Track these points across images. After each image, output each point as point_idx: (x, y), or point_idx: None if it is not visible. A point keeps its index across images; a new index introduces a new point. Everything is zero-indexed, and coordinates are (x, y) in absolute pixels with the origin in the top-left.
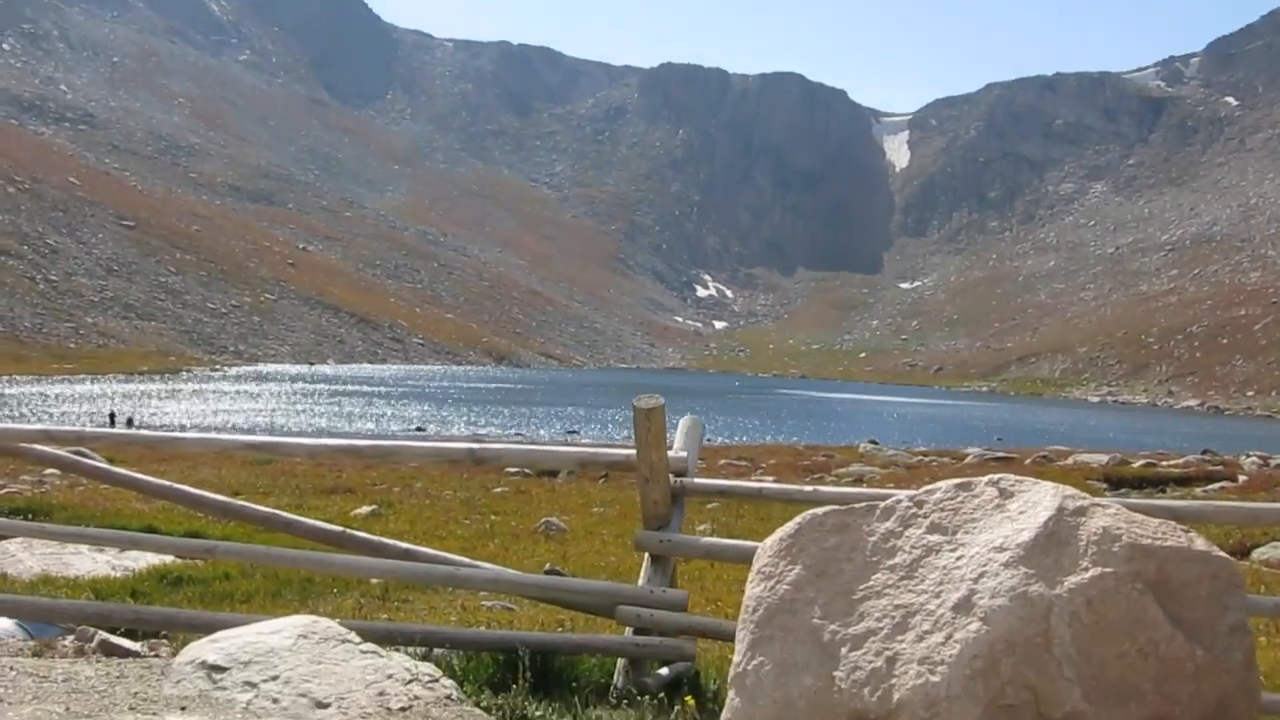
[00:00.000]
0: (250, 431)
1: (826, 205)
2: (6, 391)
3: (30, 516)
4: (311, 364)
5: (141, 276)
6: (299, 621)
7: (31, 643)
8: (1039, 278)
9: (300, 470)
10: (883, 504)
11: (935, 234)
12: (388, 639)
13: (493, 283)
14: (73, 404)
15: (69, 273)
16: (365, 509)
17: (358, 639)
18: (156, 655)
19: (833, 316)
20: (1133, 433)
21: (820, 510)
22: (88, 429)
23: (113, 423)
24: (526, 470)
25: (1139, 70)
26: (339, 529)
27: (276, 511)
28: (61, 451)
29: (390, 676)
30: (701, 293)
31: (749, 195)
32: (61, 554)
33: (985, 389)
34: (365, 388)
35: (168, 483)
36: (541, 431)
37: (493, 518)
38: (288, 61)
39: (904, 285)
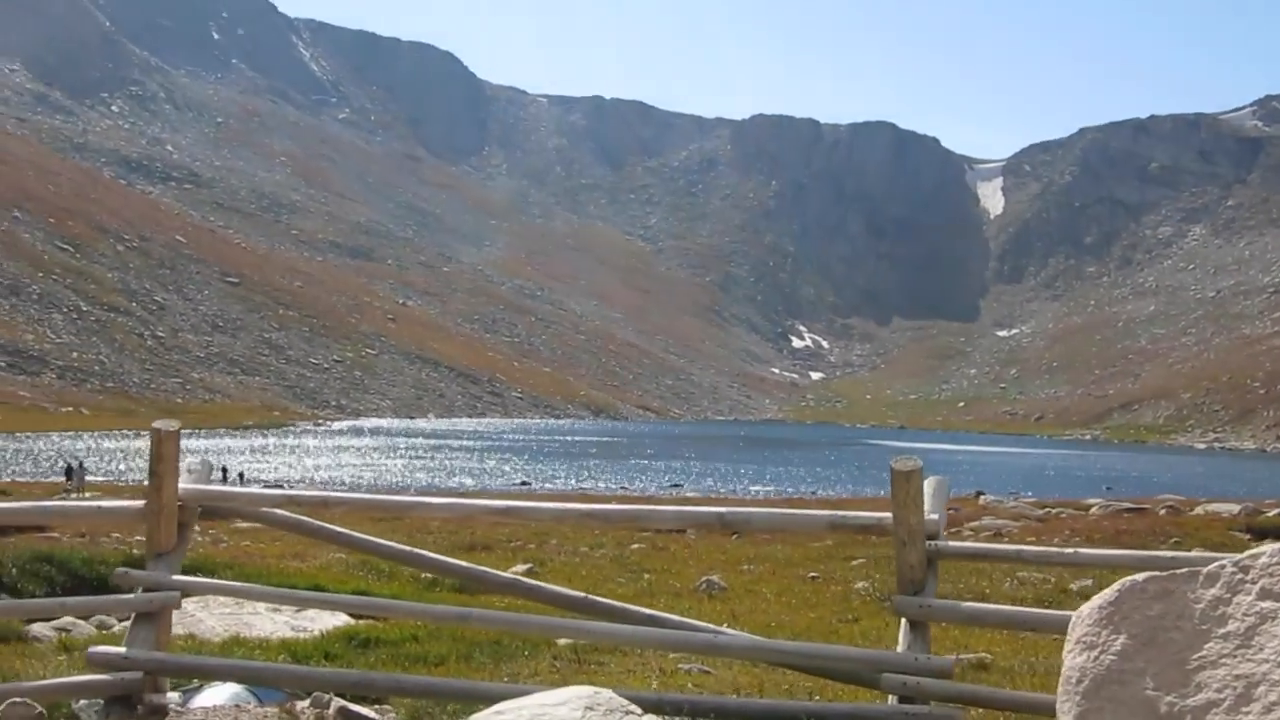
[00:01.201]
0: (380, 490)
1: (921, 253)
2: (117, 446)
3: (198, 574)
4: (412, 418)
5: (245, 332)
6: (580, 693)
7: (269, 708)
8: (1139, 323)
9: (434, 527)
10: (1205, 570)
11: (1032, 280)
12: (657, 708)
13: (589, 335)
14: (182, 458)
15: (176, 329)
16: (521, 567)
17: (639, 710)
18: None
19: (930, 365)
20: (1245, 481)
21: (1139, 577)
22: (332, 493)
23: (225, 478)
24: (660, 526)
25: (1235, 110)
26: (581, 595)
27: (518, 578)
28: (302, 516)
29: None
30: (797, 343)
31: (842, 245)
32: (240, 614)
33: (1088, 437)
34: (468, 442)
35: (408, 547)
36: (648, 485)
37: (646, 576)
38: (385, 119)
39: (1001, 333)
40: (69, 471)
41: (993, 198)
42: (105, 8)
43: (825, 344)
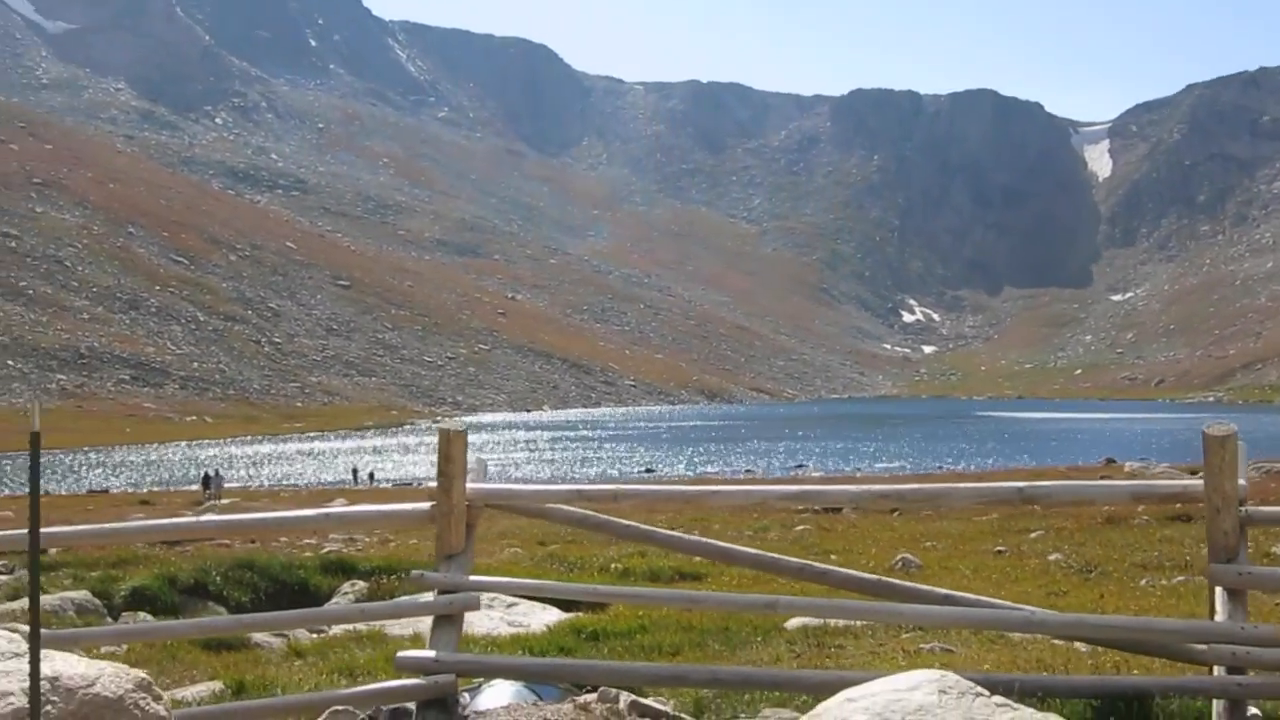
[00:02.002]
0: (509, 480)
1: (1029, 221)
2: (242, 452)
3: (390, 575)
4: (528, 411)
5: (360, 334)
6: (928, 676)
7: (558, 705)
8: (1257, 280)
9: (615, 513)
10: None
11: (1144, 242)
12: (990, 689)
13: (699, 320)
14: (310, 461)
15: (291, 334)
16: None
17: (986, 691)
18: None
19: (1044, 334)
20: None
21: None
22: (622, 486)
23: (355, 479)
24: (815, 507)
25: None
26: (874, 578)
27: (808, 563)
28: (586, 511)
29: None
30: (908, 318)
31: (949, 216)
32: None
33: (1211, 399)
34: (586, 432)
35: (700, 538)
36: (771, 467)
37: (832, 556)
38: (484, 115)
39: (1115, 297)
40: (206, 480)
41: (1100, 160)
42: (204, 23)
43: (936, 317)
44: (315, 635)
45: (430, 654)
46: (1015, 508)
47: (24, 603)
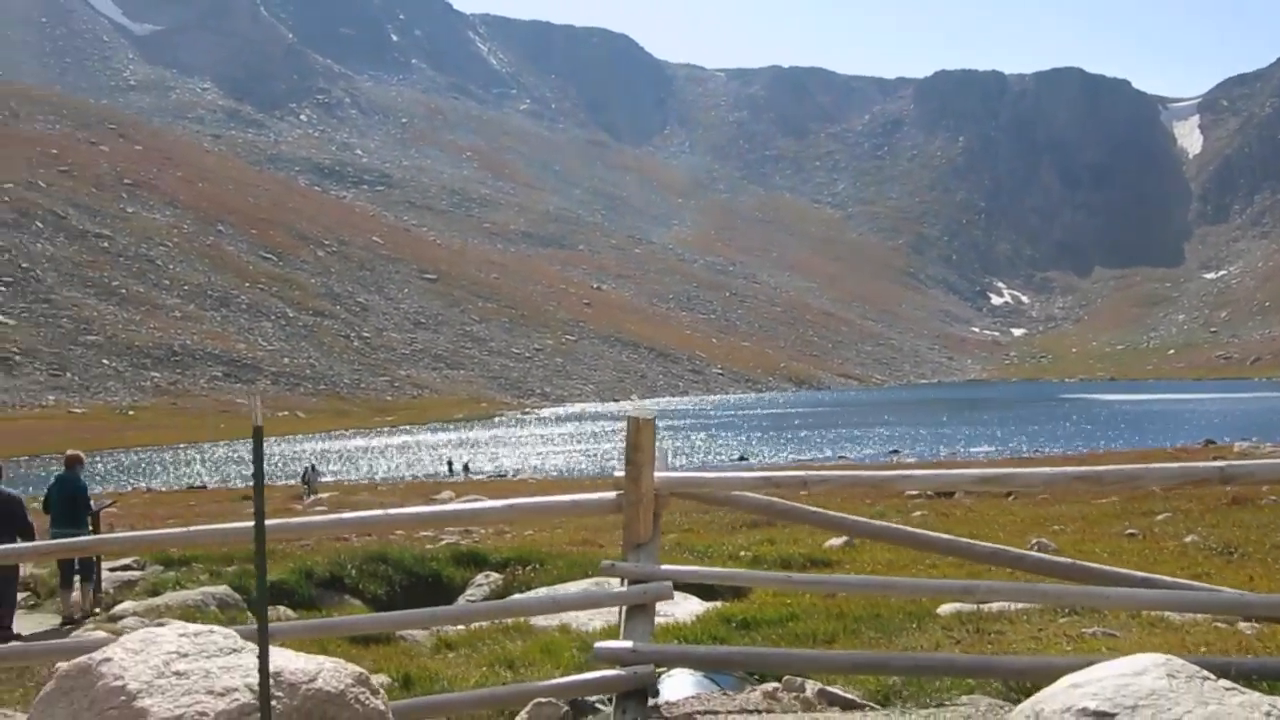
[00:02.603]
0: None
1: (1118, 199)
2: (337, 446)
3: (482, 567)
4: (616, 400)
5: (447, 327)
6: (1154, 660)
7: (746, 694)
8: None
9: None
10: None
11: (1237, 219)
12: (1223, 672)
13: (785, 307)
14: (403, 454)
15: (380, 328)
16: (837, 540)
17: (1214, 675)
18: (922, 707)
19: (1135, 314)
20: None
21: None
22: (811, 473)
23: (450, 471)
24: (929, 491)
25: None
26: (1068, 561)
27: (1002, 548)
28: (773, 498)
29: (1269, 715)
30: (996, 300)
31: (1036, 196)
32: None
33: None
34: (675, 421)
35: (891, 524)
36: (863, 453)
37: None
38: (566, 106)
39: (1209, 275)
40: (305, 475)
41: (1190, 137)
42: (288, 21)
43: (1025, 299)
44: (459, 628)
45: (628, 645)
46: (1134, 490)
47: (168, 598)
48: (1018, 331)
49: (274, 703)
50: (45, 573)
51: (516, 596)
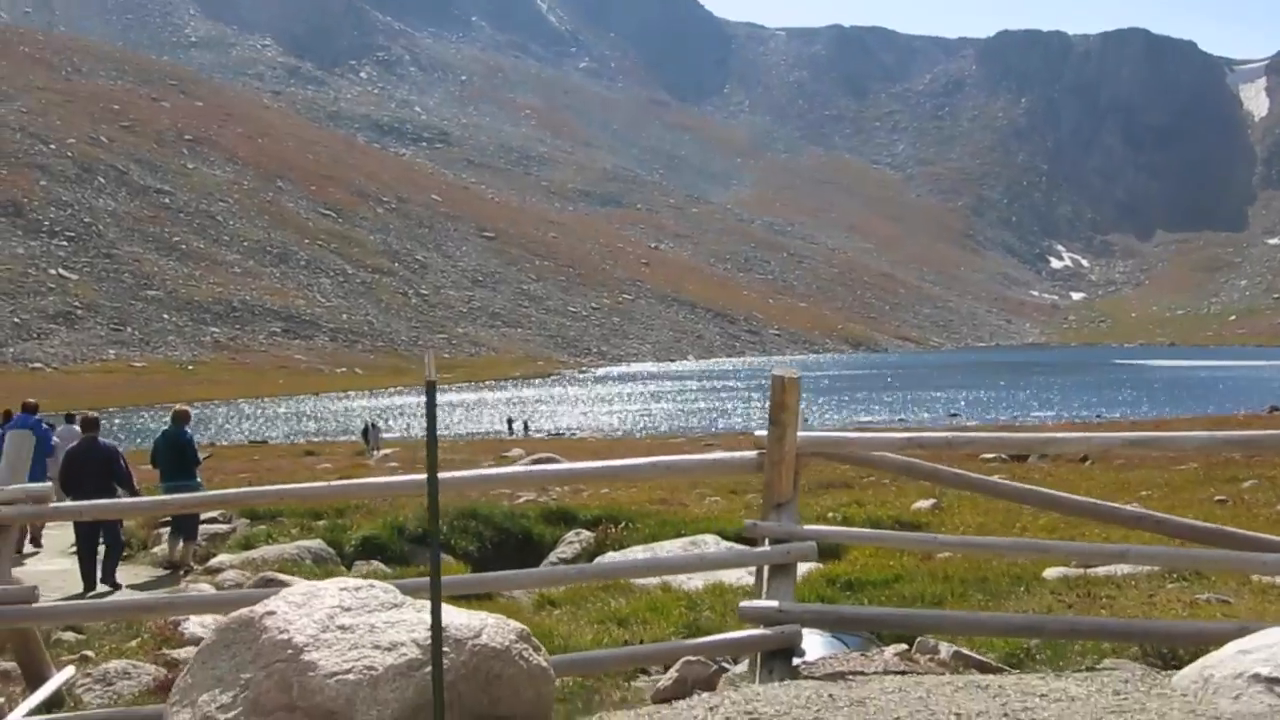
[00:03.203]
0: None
1: (1182, 163)
2: (396, 403)
3: (568, 524)
4: (672, 360)
5: (505, 285)
6: None
7: (883, 655)
8: None
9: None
10: None
11: None
12: None
13: (843, 268)
14: (461, 411)
15: (438, 286)
16: (925, 503)
17: None
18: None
19: (1197, 279)
20: None
21: None
22: (956, 434)
23: (510, 429)
24: (1003, 455)
25: None
26: (1212, 526)
27: (1147, 512)
28: (913, 459)
29: None
30: (1056, 264)
31: (1098, 159)
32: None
33: None
34: (732, 382)
35: (1033, 487)
36: (923, 416)
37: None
38: (626, 65)
39: (1273, 240)
40: (365, 432)
41: (1256, 99)
42: None
43: (1085, 263)
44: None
45: (773, 604)
46: (1214, 456)
47: (263, 551)
48: (1077, 295)
49: (442, 658)
50: (134, 524)
51: (660, 555)
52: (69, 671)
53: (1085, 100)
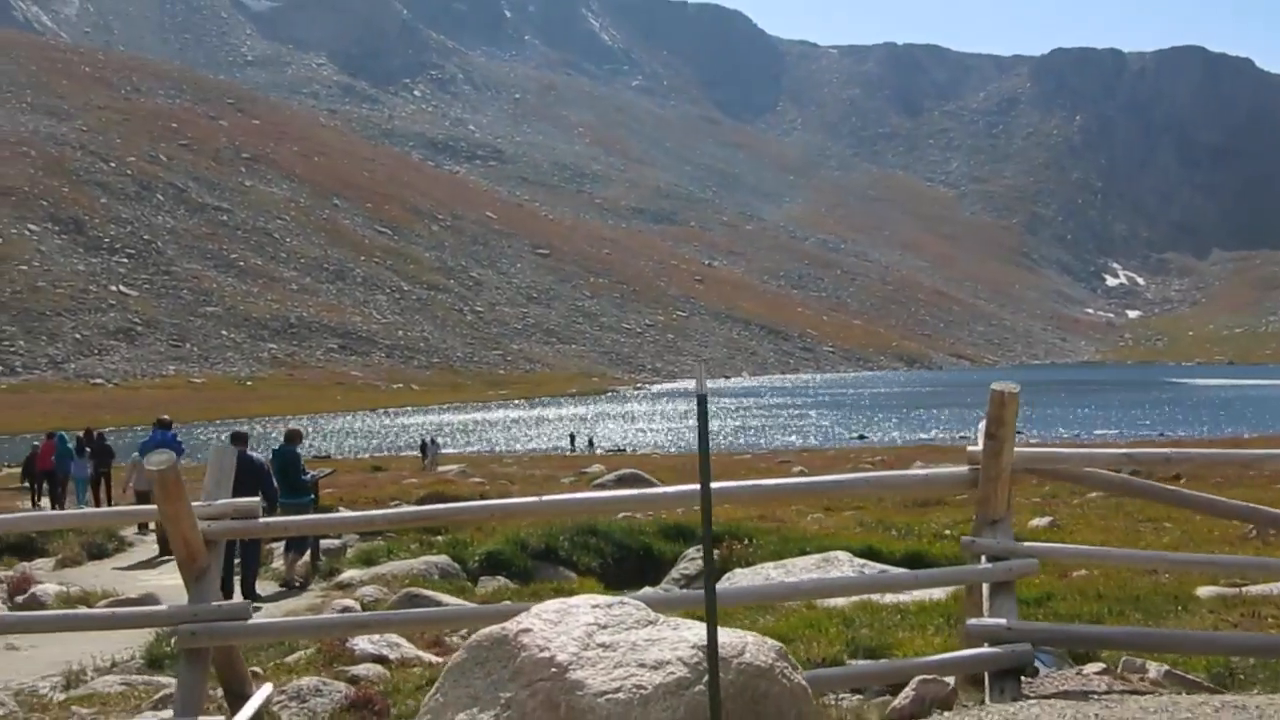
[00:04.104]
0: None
1: (1238, 181)
2: (453, 419)
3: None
4: (727, 378)
5: (559, 302)
6: None
7: (1097, 674)
8: None
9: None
10: None
11: None
12: None
13: (896, 286)
14: (519, 428)
15: (493, 303)
16: (1041, 520)
17: None
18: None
19: (1254, 297)
20: None
21: None
22: (1175, 450)
23: (573, 445)
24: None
25: None
26: None
27: None
28: (1128, 476)
29: None
30: (1111, 282)
31: (1154, 177)
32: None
33: None
34: (787, 399)
35: (1238, 503)
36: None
37: (1167, 524)
38: (678, 83)
39: None
40: (423, 447)
41: None
42: None
43: (1141, 281)
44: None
45: (1001, 622)
46: None
47: (391, 567)
48: (1133, 313)
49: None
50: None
51: (836, 574)
52: (268, 689)
53: (1140, 118)
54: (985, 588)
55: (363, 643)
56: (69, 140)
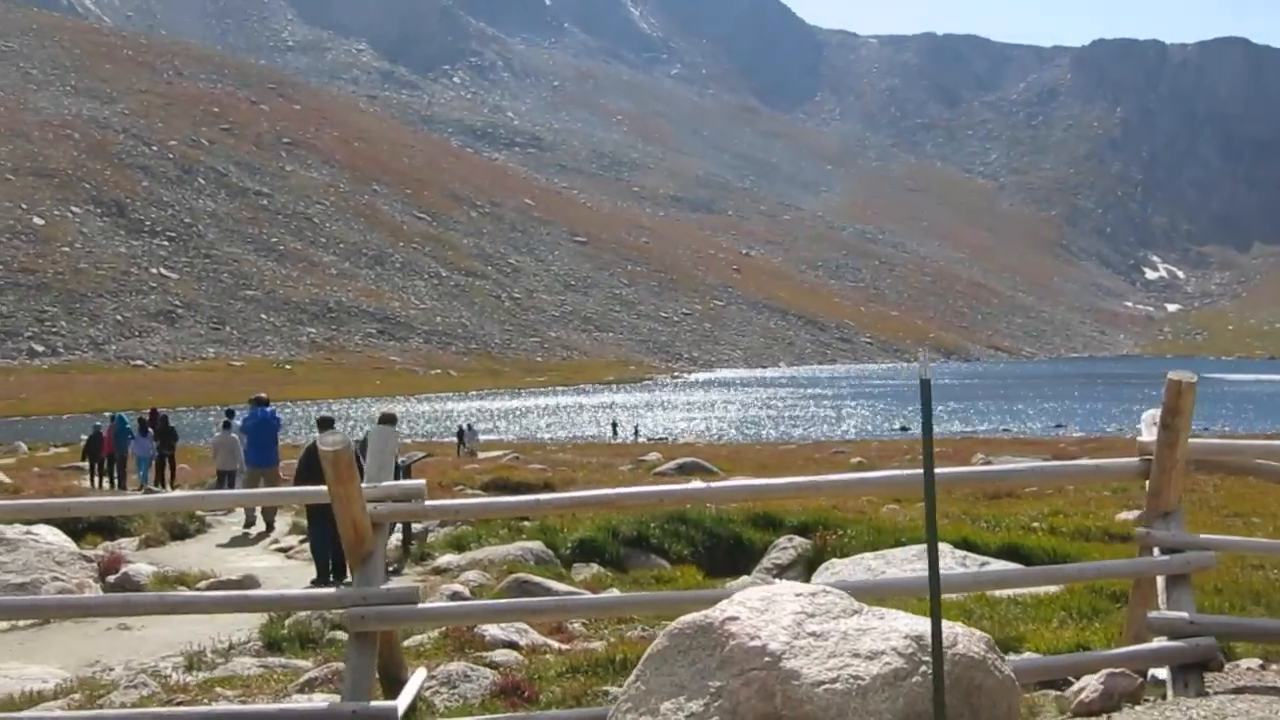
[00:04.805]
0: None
1: None
2: (492, 406)
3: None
4: (764, 367)
5: (597, 289)
6: None
7: (1245, 667)
8: None
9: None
10: None
11: None
12: None
13: (934, 277)
14: (556, 415)
15: (530, 290)
16: (1130, 514)
17: None
18: None
19: None
20: None
21: None
22: None
23: (615, 433)
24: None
25: None
26: None
27: None
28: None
29: None
30: (1150, 275)
31: (1195, 170)
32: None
33: None
34: (824, 390)
35: None
36: (1026, 427)
37: (1254, 520)
38: (717, 72)
39: None
40: (460, 434)
41: None
42: None
43: (1181, 274)
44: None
45: (1183, 615)
46: None
47: (487, 552)
48: (1172, 307)
49: (924, 667)
50: None
51: (1017, 567)
52: (422, 673)
53: (1182, 110)
54: (1160, 580)
55: (493, 629)
56: (112, 124)
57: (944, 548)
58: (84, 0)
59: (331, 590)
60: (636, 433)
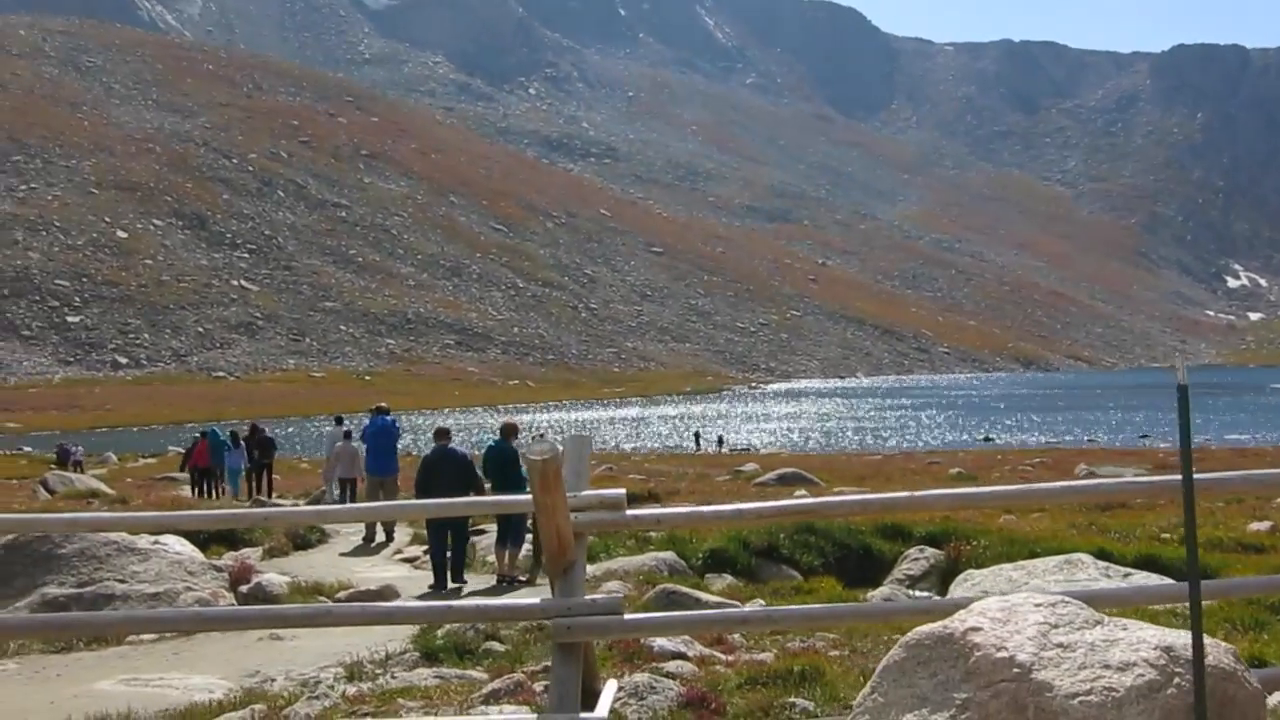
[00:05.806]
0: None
1: None
2: (570, 417)
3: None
4: (841, 378)
5: (673, 300)
6: None
7: None
8: None
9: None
10: None
11: None
12: None
13: (1012, 286)
14: (634, 425)
15: (607, 300)
16: (1261, 525)
17: None
18: None
19: None
20: None
21: None
22: None
23: (698, 444)
24: None
25: None
26: None
27: None
28: None
29: None
30: (1232, 283)
31: (1277, 176)
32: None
33: None
34: (904, 400)
35: None
36: (1112, 438)
37: None
38: (792, 81)
39: None
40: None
41: None
42: None
43: (1263, 282)
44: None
45: None
46: None
47: (621, 563)
48: (1255, 315)
49: (1177, 679)
50: None
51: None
52: (613, 685)
53: (1264, 116)
54: None
55: (661, 640)
56: (193, 137)
57: (1086, 558)
58: (165, 16)
59: (535, 601)
60: (720, 443)
